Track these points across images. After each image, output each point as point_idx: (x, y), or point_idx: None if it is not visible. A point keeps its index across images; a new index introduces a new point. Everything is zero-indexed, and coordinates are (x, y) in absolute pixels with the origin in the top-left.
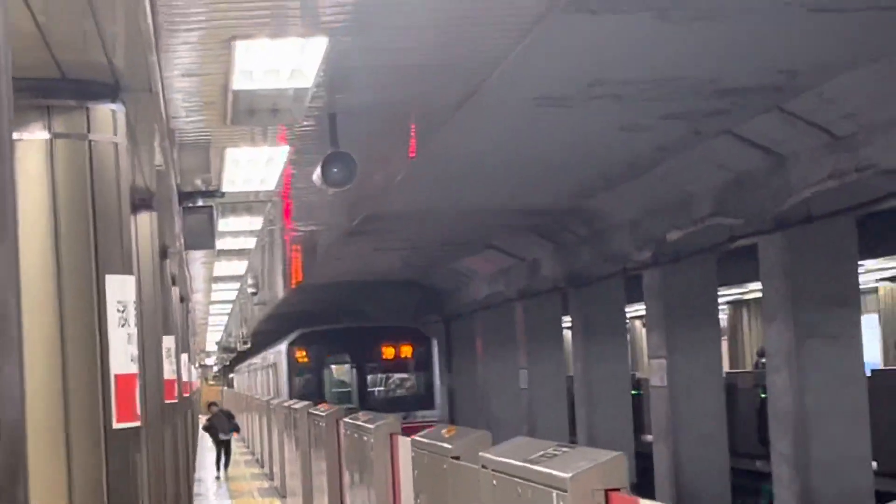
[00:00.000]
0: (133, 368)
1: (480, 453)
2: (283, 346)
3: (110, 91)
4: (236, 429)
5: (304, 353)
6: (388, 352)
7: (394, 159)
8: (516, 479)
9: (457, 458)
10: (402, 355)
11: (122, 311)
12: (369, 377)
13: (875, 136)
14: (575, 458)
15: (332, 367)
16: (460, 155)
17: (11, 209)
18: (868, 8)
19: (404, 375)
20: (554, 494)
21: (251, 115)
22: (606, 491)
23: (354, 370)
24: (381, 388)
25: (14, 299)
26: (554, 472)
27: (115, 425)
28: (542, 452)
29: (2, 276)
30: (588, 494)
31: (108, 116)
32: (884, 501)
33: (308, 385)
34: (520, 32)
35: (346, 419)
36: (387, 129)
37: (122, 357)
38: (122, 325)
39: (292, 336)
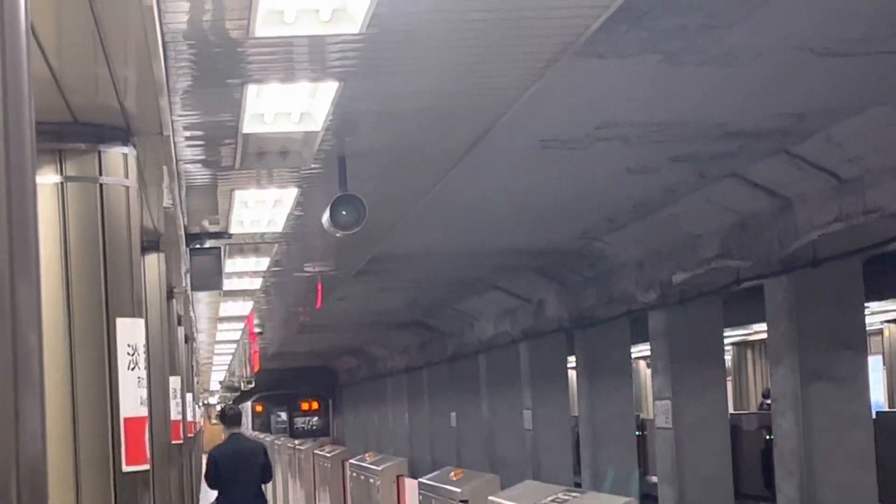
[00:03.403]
0: (143, 412)
1: (490, 497)
2: (249, 403)
3: (122, 135)
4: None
5: (260, 407)
6: (305, 406)
7: (402, 202)
8: None
9: (465, 501)
10: (312, 408)
11: (132, 354)
12: (296, 419)
13: (882, 180)
14: (585, 503)
15: (276, 413)
16: (466, 196)
17: (34, 250)
18: (876, 52)
19: (314, 418)
20: None
21: (260, 157)
22: None
23: (287, 415)
24: (302, 425)
25: (36, 338)
26: None
27: (125, 468)
28: (552, 497)
29: (25, 315)
30: None
31: (119, 160)
32: None
33: (262, 423)
34: (531, 77)
35: (353, 460)
36: (396, 172)
37: (132, 400)
38: (132, 369)
39: (254, 398)
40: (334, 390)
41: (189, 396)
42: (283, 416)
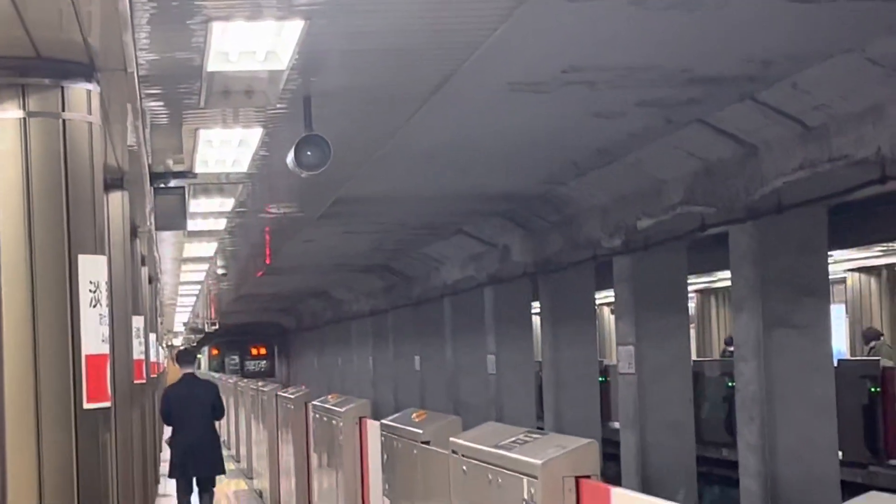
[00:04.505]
0: (104, 349)
1: (451, 439)
2: (206, 347)
3: (85, 70)
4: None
5: (216, 351)
6: (254, 351)
7: (367, 143)
8: (487, 465)
9: (427, 443)
10: (260, 353)
11: (94, 292)
12: (246, 362)
13: (847, 128)
14: (546, 444)
15: (230, 356)
16: (433, 139)
17: None
18: None
19: (261, 361)
20: (525, 481)
21: (225, 96)
22: (577, 478)
23: (239, 358)
24: (252, 367)
25: None
26: (525, 459)
27: (86, 405)
28: (513, 438)
29: None
30: (559, 481)
31: (82, 96)
32: (849, 491)
33: (218, 365)
34: (498, 17)
35: (315, 402)
36: (362, 113)
37: (94, 337)
38: (94, 306)
39: (211, 342)
40: (280, 337)
41: (152, 337)
42: (236, 359)
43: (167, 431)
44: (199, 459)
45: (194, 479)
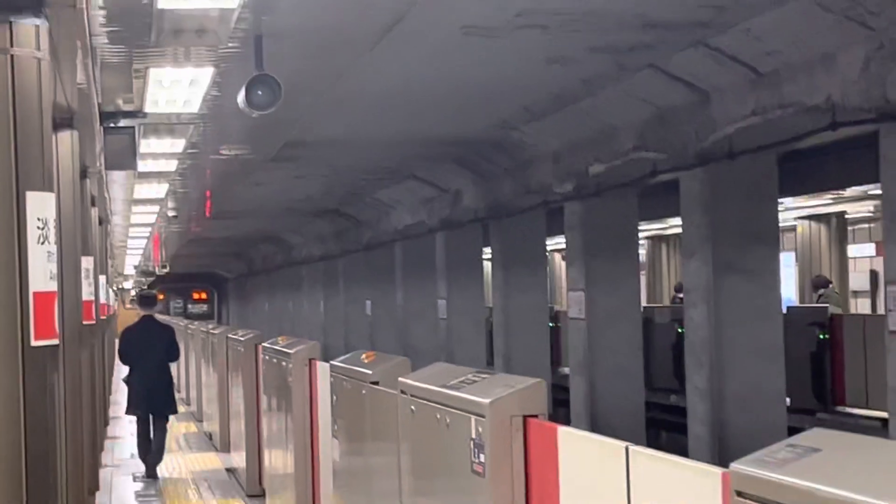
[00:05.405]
0: (52, 286)
1: (400, 379)
2: (154, 290)
3: (34, 5)
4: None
5: (162, 295)
6: (197, 296)
7: (318, 84)
8: (435, 405)
9: (376, 383)
10: (202, 298)
11: (42, 229)
12: (189, 305)
13: (798, 74)
14: (494, 384)
15: (175, 300)
16: (385, 82)
17: None
18: None
19: (203, 306)
20: (472, 420)
21: (176, 35)
22: (525, 417)
23: (184, 302)
24: (195, 310)
25: None
26: (473, 398)
27: (33, 343)
28: (461, 378)
29: None
30: (506, 420)
31: (31, 31)
32: None
33: (164, 308)
34: None
35: (265, 344)
36: (313, 53)
37: (41, 274)
38: (42, 243)
39: (158, 287)
40: (220, 284)
41: (102, 279)
42: (181, 302)
43: (125, 371)
44: (153, 398)
45: (151, 417)
